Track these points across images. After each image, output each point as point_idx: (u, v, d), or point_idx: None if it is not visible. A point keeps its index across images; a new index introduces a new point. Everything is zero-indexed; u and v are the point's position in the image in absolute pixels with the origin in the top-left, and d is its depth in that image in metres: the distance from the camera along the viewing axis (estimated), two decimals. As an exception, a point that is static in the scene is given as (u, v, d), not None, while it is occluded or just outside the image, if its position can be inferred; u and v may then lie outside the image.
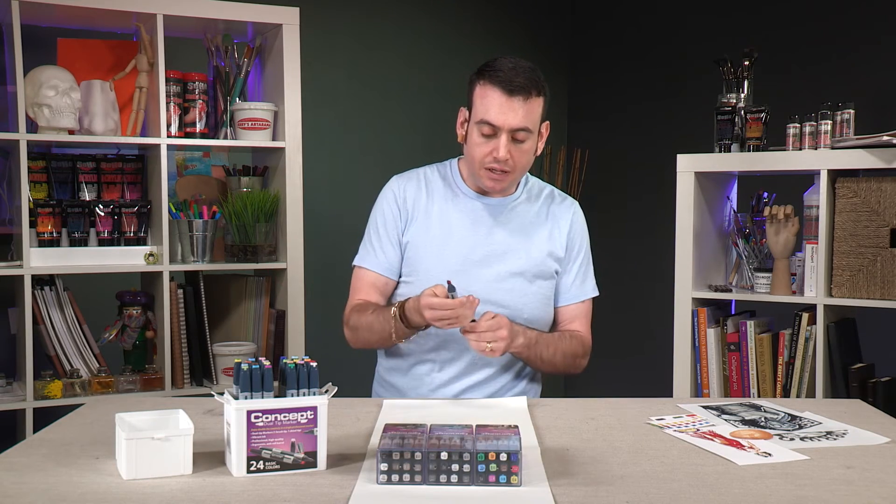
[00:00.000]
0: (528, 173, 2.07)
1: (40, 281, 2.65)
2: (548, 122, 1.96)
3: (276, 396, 1.37)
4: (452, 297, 1.73)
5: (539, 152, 1.96)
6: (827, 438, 1.57)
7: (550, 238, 2.01)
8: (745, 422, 1.68)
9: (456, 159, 2.07)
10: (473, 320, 1.77)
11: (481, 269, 1.95)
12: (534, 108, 1.86)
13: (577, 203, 2.08)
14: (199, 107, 2.82)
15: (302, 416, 1.36)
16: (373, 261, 2.00)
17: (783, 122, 2.65)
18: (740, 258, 2.81)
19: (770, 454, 1.47)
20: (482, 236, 1.97)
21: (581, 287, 2.05)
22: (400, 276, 2.01)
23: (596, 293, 2.09)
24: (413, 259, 1.98)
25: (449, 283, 1.75)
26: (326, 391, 1.41)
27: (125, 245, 2.76)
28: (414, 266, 1.98)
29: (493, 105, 1.84)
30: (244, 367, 1.36)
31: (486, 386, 1.97)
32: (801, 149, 2.61)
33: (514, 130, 1.85)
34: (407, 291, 1.97)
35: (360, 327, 1.95)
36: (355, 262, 2.04)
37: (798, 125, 2.61)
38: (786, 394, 2.61)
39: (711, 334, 2.73)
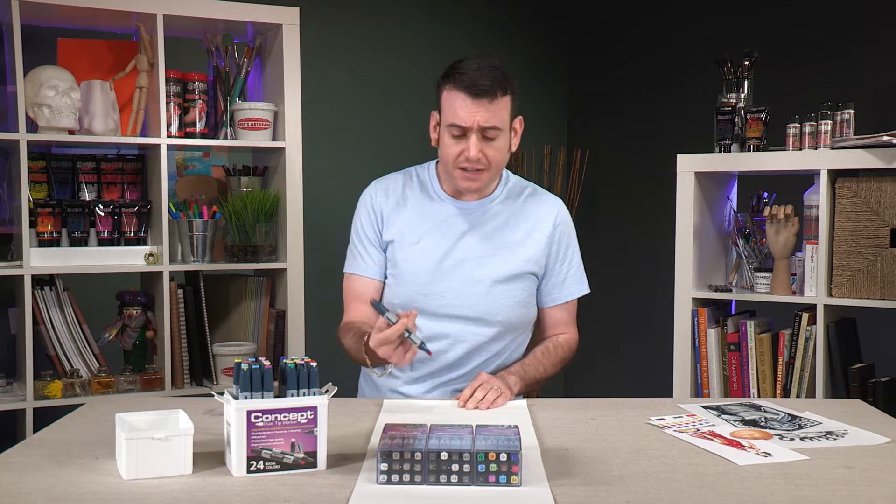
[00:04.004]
0: (510, 171, 2.07)
1: (40, 281, 2.65)
2: (521, 117, 1.97)
3: (276, 396, 1.37)
4: (387, 318, 1.65)
5: (514, 149, 1.97)
6: (827, 438, 1.57)
7: (530, 240, 1.99)
8: (745, 422, 1.68)
9: (434, 162, 2.07)
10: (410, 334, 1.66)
11: (454, 274, 1.95)
12: (501, 108, 1.87)
13: (560, 201, 2.06)
14: (199, 107, 2.82)
15: (302, 416, 1.36)
16: (361, 266, 2.03)
17: (783, 122, 2.65)
18: (740, 258, 2.81)
19: (770, 454, 1.47)
20: (455, 240, 1.97)
21: (567, 288, 2.04)
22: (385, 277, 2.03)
23: (583, 292, 2.07)
24: (392, 261, 2.00)
25: (371, 302, 1.76)
26: (326, 391, 1.41)
27: (125, 245, 2.76)
28: (391, 269, 2.00)
29: (460, 108, 1.85)
30: (244, 367, 1.36)
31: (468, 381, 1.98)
32: (801, 149, 2.61)
33: (483, 129, 1.86)
34: (389, 292, 2.00)
35: (346, 349, 1.96)
36: (345, 270, 2.07)
37: (798, 125, 2.61)
38: (786, 394, 2.61)
39: (711, 334, 2.73)
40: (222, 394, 1.40)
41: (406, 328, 1.63)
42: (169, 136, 2.73)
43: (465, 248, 1.97)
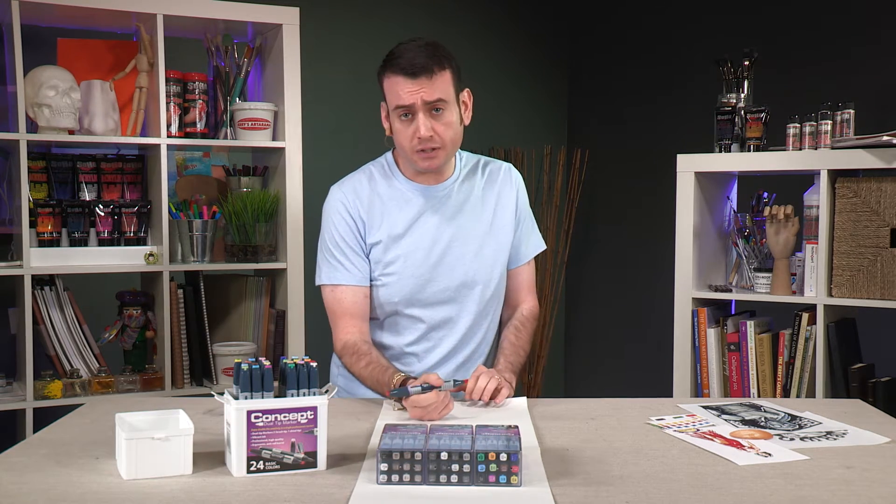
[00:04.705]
0: (460, 149, 2.07)
1: (40, 281, 2.65)
2: (468, 89, 1.99)
3: (276, 396, 1.37)
4: (415, 392, 1.69)
5: (467, 122, 1.98)
6: (827, 438, 1.57)
7: (500, 207, 2.04)
8: (745, 422, 1.68)
9: (389, 153, 2.07)
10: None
11: (447, 256, 1.98)
12: (442, 82, 1.88)
13: (511, 165, 2.11)
14: (199, 107, 2.82)
15: (302, 416, 1.36)
16: (345, 275, 1.98)
17: (783, 122, 2.65)
18: (740, 258, 2.81)
19: (770, 454, 1.47)
20: (438, 224, 1.99)
21: (527, 248, 2.09)
22: (372, 281, 2.00)
23: (540, 248, 2.13)
24: (382, 261, 1.98)
25: (391, 393, 1.73)
26: (326, 391, 1.41)
27: (125, 245, 2.76)
28: (384, 269, 1.98)
29: (401, 90, 1.87)
30: (244, 367, 1.36)
31: (466, 369, 2.01)
32: (801, 149, 2.61)
33: (427, 104, 1.87)
34: (383, 294, 1.98)
35: (355, 374, 1.96)
36: (324, 281, 2.00)
37: (798, 125, 2.61)
38: (786, 394, 2.61)
39: (711, 334, 2.73)
40: (222, 394, 1.40)
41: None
42: (169, 136, 2.73)
43: (448, 228, 1.99)
